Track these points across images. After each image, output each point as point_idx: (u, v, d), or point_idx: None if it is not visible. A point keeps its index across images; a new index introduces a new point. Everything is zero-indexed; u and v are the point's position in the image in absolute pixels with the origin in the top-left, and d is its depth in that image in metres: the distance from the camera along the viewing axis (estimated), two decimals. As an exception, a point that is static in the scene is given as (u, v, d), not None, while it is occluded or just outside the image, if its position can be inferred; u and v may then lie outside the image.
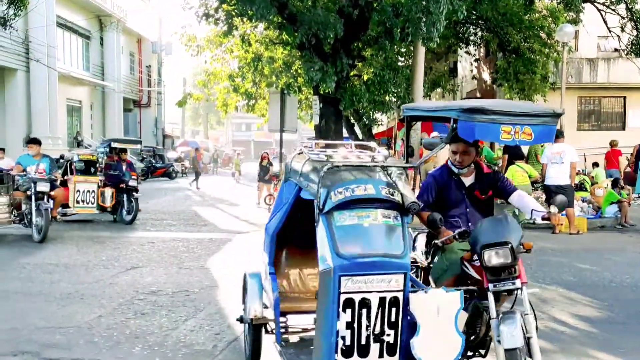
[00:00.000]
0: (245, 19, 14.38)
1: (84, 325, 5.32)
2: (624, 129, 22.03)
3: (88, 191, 12.05)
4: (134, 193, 12.32)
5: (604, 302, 6.23)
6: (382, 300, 3.27)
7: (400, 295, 3.28)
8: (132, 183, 12.40)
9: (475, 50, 19.99)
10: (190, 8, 14.81)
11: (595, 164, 16.14)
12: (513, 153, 12.45)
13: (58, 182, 10.99)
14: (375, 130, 24.12)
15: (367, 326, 3.26)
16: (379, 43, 13.55)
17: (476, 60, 20.63)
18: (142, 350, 4.70)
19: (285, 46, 16.00)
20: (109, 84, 29.92)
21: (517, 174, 11.04)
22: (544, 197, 11.57)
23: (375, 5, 12.31)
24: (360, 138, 20.09)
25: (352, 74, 14.58)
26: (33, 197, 9.73)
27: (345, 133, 19.20)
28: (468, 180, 4.25)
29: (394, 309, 3.28)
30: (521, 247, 3.55)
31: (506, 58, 17.09)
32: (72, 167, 12.46)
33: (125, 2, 31.04)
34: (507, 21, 15.99)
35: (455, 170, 4.20)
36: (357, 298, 3.25)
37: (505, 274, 3.49)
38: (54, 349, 4.72)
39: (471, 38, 18.30)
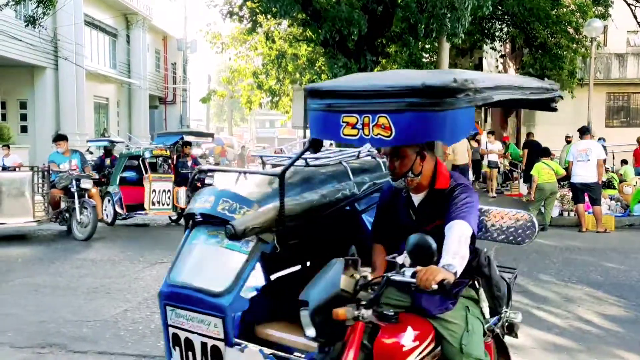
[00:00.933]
0: (269, 16, 14.45)
1: (110, 319, 5.42)
2: (654, 125, 21.56)
3: (163, 190, 10.87)
4: None
5: (631, 302, 6.11)
6: (204, 346, 2.62)
7: (222, 345, 2.59)
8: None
9: (501, 46, 19.77)
10: (215, 6, 15.01)
11: (624, 161, 15.84)
12: (538, 149, 12.06)
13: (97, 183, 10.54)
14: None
15: None
16: (403, 39, 13.48)
17: (502, 56, 20.39)
18: (166, 344, 4.77)
19: (309, 43, 16.02)
20: (135, 81, 30.29)
21: (544, 171, 10.90)
22: (570, 194, 11.42)
23: (399, 1, 12.24)
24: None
25: (376, 70, 14.53)
26: (76, 194, 9.44)
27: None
28: (418, 198, 2.74)
29: None
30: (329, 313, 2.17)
31: (532, 54, 16.85)
32: (145, 163, 11.16)
33: (151, 0, 31.40)
34: (533, 16, 15.75)
35: (392, 183, 2.70)
36: (182, 336, 2.70)
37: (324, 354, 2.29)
38: (82, 342, 4.81)
39: (497, 34, 18.07)
